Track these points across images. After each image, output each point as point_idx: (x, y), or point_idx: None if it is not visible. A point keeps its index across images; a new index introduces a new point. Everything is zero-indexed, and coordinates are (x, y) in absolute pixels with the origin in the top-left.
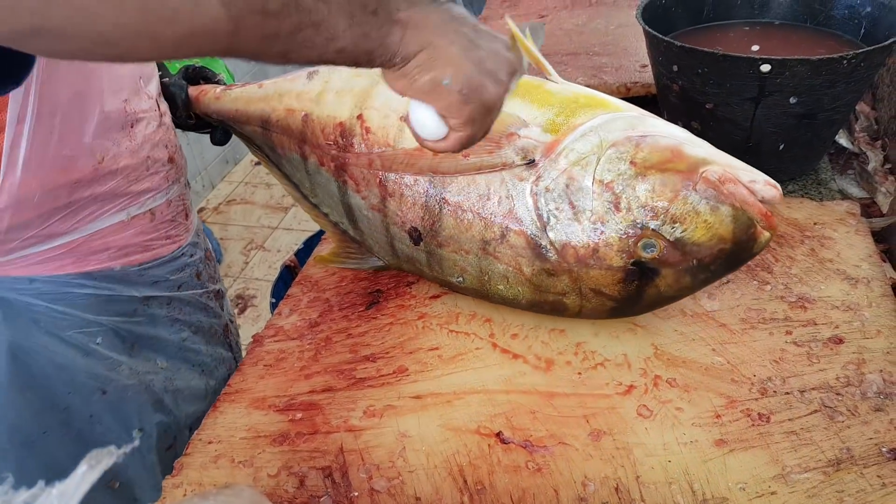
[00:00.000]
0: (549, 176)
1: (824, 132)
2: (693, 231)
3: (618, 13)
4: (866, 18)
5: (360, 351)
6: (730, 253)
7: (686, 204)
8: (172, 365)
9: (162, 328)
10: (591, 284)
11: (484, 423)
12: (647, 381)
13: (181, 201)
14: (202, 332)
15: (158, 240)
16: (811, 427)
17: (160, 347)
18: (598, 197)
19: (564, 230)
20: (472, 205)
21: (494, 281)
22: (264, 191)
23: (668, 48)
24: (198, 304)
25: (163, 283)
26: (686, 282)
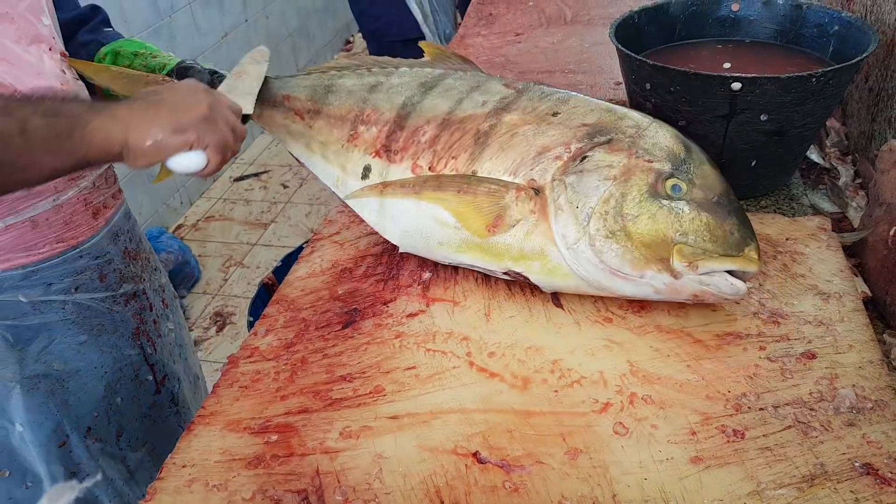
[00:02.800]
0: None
1: (795, 148)
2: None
3: (592, 31)
4: (834, 37)
5: (337, 371)
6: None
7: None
8: (69, 367)
9: (57, 331)
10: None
11: (461, 442)
12: (623, 399)
13: (81, 202)
14: (105, 336)
15: (46, 243)
16: (785, 443)
17: (55, 350)
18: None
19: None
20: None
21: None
22: (243, 207)
23: (640, 66)
24: (99, 309)
25: (56, 285)
26: None
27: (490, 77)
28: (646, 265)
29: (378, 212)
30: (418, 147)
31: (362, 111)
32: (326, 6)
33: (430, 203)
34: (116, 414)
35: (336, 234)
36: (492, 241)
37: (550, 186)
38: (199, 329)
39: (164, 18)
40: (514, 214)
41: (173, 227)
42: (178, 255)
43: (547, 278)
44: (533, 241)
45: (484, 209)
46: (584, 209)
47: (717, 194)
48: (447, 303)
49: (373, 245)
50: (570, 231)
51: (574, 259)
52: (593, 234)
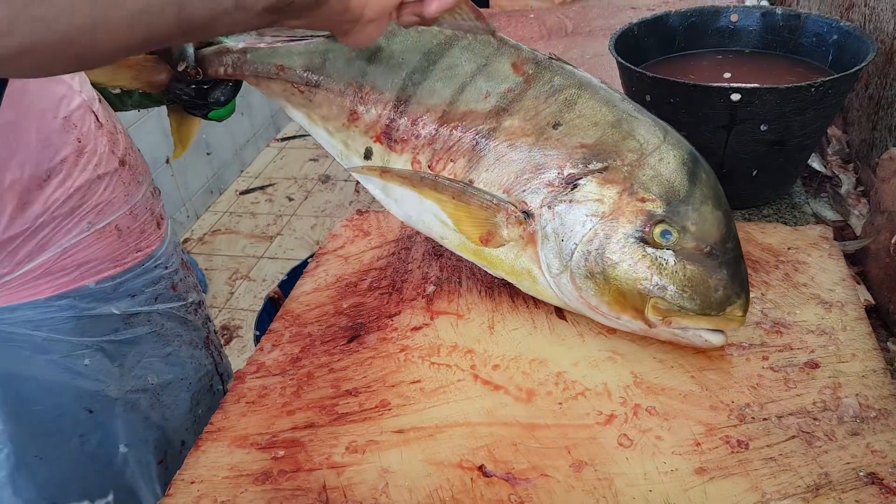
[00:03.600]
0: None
1: (796, 157)
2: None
3: (593, 43)
4: (833, 46)
5: (342, 385)
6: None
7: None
8: (161, 380)
9: (146, 344)
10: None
11: (466, 456)
12: (627, 410)
13: (148, 210)
14: (185, 346)
15: (129, 252)
16: (789, 453)
17: (147, 364)
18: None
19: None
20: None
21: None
22: (249, 220)
23: (640, 78)
24: (177, 317)
25: (140, 297)
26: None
27: (500, 49)
28: (622, 311)
29: (383, 191)
30: (418, 141)
31: (361, 88)
32: None
33: (429, 200)
34: (199, 427)
35: (340, 248)
36: (486, 252)
37: (539, 213)
38: None
39: None
40: (504, 234)
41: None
42: None
43: (536, 295)
44: (522, 262)
45: (478, 221)
46: (569, 244)
47: (711, 243)
48: (451, 316)
49: (377, 259)
50: (554, 263)
51: (558, 288)
52: (574, 271)
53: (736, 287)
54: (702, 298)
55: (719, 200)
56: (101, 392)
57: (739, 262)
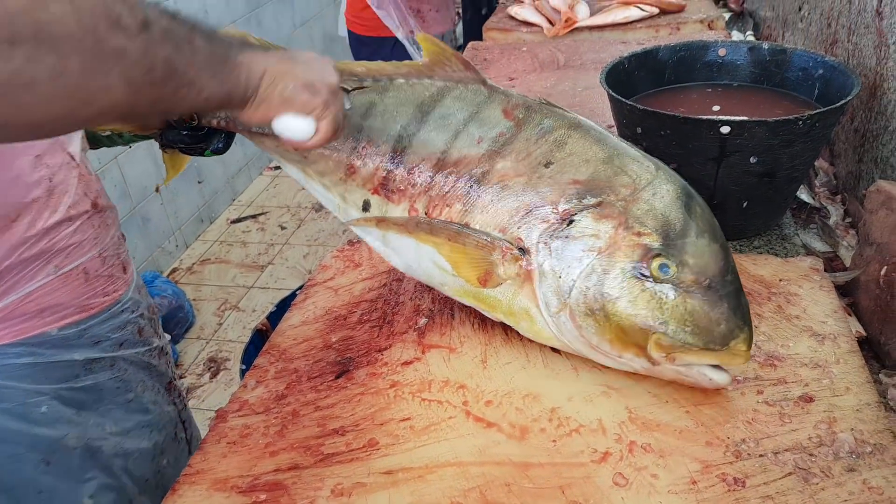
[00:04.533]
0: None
1: (785, 189)
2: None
3: (584, 76)
4: (819, 80)
5: (329, 424)
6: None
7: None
8: (120, 428)
9: (107, 391)
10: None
11: (457, 498)
12: (622, 447)
13: (116, 255)
14: (148, 392)
15: (95, 297)
16: (786, 490)
17: (106, 412)
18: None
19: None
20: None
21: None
22: (240, 249)
23: (631, 111)
24: (141, 363)
25: (104, 343)
26: None
27: (490, 97)
28: (624, 348)
29: (382, 242)
30: (414, 190)
31: (357, 143)
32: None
33: (426, 245)
34: (164, 478)
35: (330, 279)
36: (484, 292)
37: (536, 249)
38: (192, 376)
39: None
40: (501, 273)
41: (168, 271)
42: (172, 300)
43: (535, 337)
44: (520, 301)
45: (474, 261)
46: (567, 280)
47: (710, 276)
48: (443, 349)
49: (367, 291)
50: (553, 300)
51: (556, 328)
52: (574, 308)
53: (738, 320)
54: (705, 333)
55: (716, 233)
56: (60, 440)
57: (739, 295)
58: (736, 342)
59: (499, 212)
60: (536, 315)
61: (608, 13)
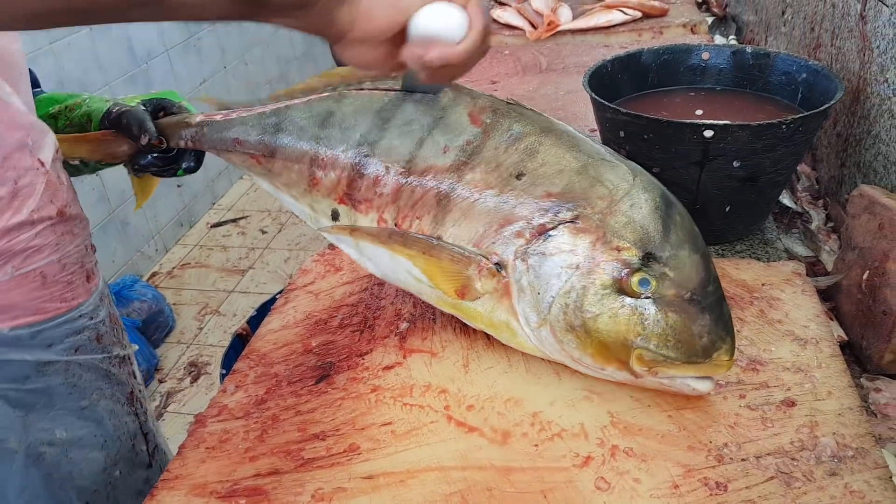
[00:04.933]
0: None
1: (768, 193)
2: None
3: (567, 79)
4: (802, 84)
5: (309, 429)
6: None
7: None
8: (71, 436)
9: (59, 396)
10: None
11: (439, 503)
12: (604, 452)
13: (78, 263)
14: (104, 401)
15: (51, 302)
16: (768, 495)
17: (57, 417)
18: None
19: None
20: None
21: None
22: (220, 254)
23: (614, 114)
24: (99, 370)
25: (58, 346)
26: None
27: (455, 100)
28: (606, 363)
29: (356, 249)
30: (381, 200)
31: (317, 154)
32: (306, 53)
33: (401, 256)
34: (115, 490)
35: (311, 283)
36: (463, 304)
37: (513, 265)
38: (172, 380)
39: (141, 66)
40: (478, 287)
41: (147, 276)
42: (151, 304)
43: (518, 347)
44: (499, 314)
45: (450, 275)
46: (546, 297)
47: (691, 288)
48: (425, 354)
49: (348, 295)
50: (532, 316)
51: (538, 341)
52: (554, 324)
53: (720, 331)
54: (686, 347)
55: (696, 243)
56: (1, 443)
57: (722, 304)
58: (718, 353)
59: (471, 226)
60: (517, 328)
61: (591, 17)
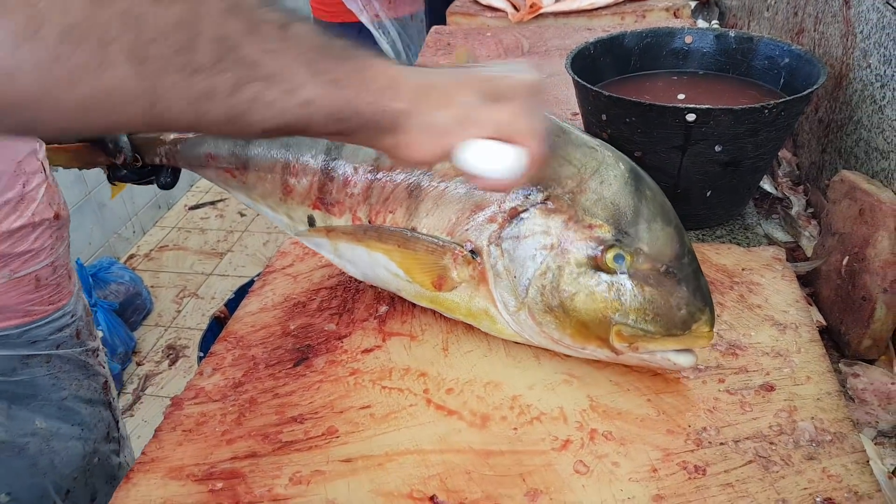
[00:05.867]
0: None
1: (749, 179)
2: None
3: (549, 62)
4: (785, 69)
5: (287, 412)
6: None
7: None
8: (51, 426)
9: (41, 387)
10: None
11: (417, 486)
12: (583, 435)
13: (65, 265)
14: (82, 391)
15: (41, 304)
16: (746, 478)
17: (39, 407)
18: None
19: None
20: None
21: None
22: (198, 236)
23: (596, 97)
24: (77, 361)
25: (41, 343)
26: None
27: None
28: (586, 341)
29: (334, 254)
30: (353, 200)
31: (287, 162)
32: None
33: (377, 252)
34: (93, 476)
35: (289, 266)
36: (441, 296)
37: (487, 251)
38: (150, 363)
39: None
40: (454, 277)
41: (125, 258)
42: (129, 287)
43: (498, 334)
44: (477, 303)
45: (426, 266)
46: (522, 280)
47: (666, 261)
48: (404, 337)
49: (327, 278)
50: (510, 300)
51: (517, 325)
52: (532, 307)
53: (699, 302)
54: (665, 319)
55: (668, 216)
56: None
57: (699, 276)
58: (698, 325)
59: (444, 214)
60: (496, 315)
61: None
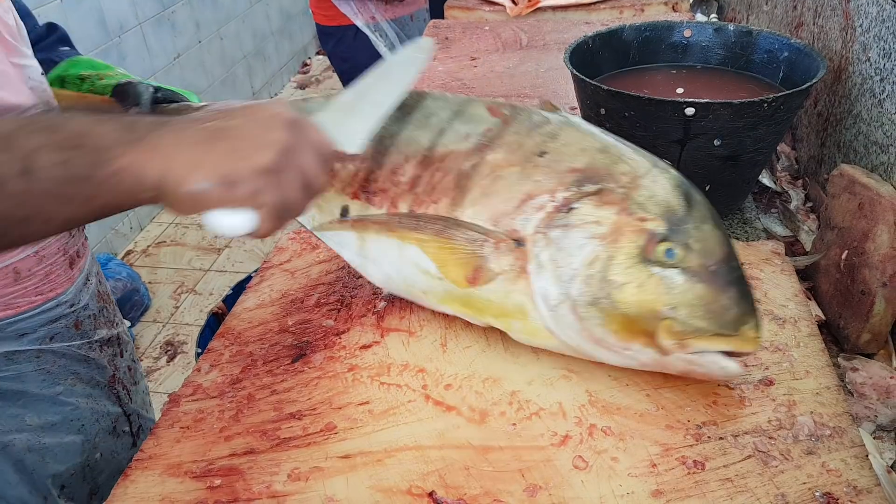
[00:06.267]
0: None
1: (748, 173)
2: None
3: (548, 56)
4: (784, 63)
5: (285, 408)
6: None
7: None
8: (43, 421)
9: (31, 383)
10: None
11: (416, 482)
12: (582, 431)
13: (60, 251)
14: (80, 385)
15: (25, 296)
16: (746, 473)
17: (28, 403)
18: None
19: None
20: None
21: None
22: (196, 232)
23: (595, 91)
24: (75, 356)
25: (30, 336)
26: None
27: (472, 99)
28: (631, 338)
29: (359, 254)
30: (398, 189)
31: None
32: (283, 28)
33: (410, 244)
34: (93, 471)
35: (287, 262)
36: (473, 294)
37: (533, 240)
38: (148, 359)
39: (113, 39)
40: (493, 268)
41: (122, 253)
42: (126, 283)
43: (528, 338)
44: (513, 298)
45: (463, 258)
46: (568, 269)
47: (716, 261)
48: (402, 333)
49: (325, 274)
50: (552, 292)
51: (555, 322)
52: (576, 299)
53: (747, 304)
54: (716, 318)
55: (717, 220)
56: None
57: (744, 282)
58: (746, 327)
59: (489, 203)
60: (532, 311)
61: None
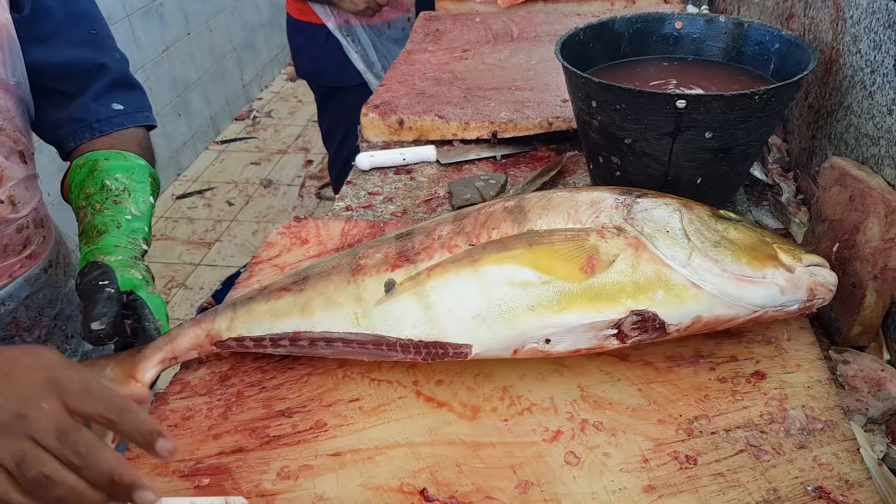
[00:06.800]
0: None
1: (739, 165)
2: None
3: (539, 48)
4: (775, 55)
5: (275, 406)
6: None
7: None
8: None
9: None
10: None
11: (407, 479)
12: (574, 426)
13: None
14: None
15: None
16: (738, 468)
17: None
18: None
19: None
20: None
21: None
22: (186, 226)
23: (586, 84)
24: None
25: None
26: None
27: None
28: (763, 264)
29: (425, 317)
30: (442, 240)
31: (355, 253)
32: (272, 20)
33: (489, 266)
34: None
35: (276, 257)
36: (596, 284)
37: (628, 223)
38: None
39: None
40: (609, 250)
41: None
42: None
43: (677, 306)
44: (643, 269)
45: (569, 254)
46: (675, 230)
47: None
48: None
49: None
50: (678, 251)
51: (696, 275)
52: (701, 247)
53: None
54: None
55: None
56: None
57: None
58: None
59: (559, 215)
60: (670, 274)
61: None
